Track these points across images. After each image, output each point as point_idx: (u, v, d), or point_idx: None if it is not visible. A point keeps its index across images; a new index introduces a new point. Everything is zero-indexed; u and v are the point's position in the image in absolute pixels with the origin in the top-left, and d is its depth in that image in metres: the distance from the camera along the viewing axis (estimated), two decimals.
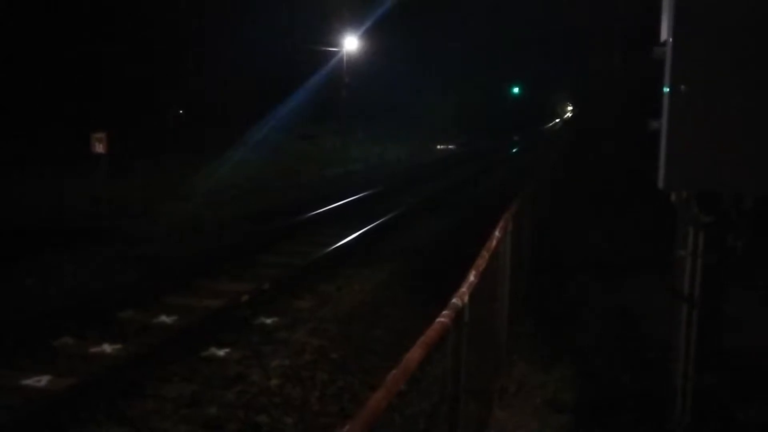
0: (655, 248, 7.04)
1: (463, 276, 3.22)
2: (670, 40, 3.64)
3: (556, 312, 7.10)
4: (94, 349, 6.20)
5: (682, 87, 3.63)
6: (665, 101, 3.70)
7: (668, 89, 3.67)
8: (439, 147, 42.70)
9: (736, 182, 3.67)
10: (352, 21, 33.02)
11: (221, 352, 6.17)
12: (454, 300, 2.77)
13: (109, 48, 25.64)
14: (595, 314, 7.00)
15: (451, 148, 43.05)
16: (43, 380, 5.44)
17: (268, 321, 7.09)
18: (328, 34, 32.70)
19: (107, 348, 6.24)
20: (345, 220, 13.11)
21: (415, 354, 2.15)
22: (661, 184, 3.77)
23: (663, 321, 4.51)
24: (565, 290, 7.97)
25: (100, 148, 13.80)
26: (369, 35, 34.41)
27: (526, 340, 6.17)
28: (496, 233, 4.22)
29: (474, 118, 55.52)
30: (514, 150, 47.23)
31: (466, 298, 2.87)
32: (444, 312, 2.61)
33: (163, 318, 7.12)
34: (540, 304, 7.27)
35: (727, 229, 3.75)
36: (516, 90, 76.91)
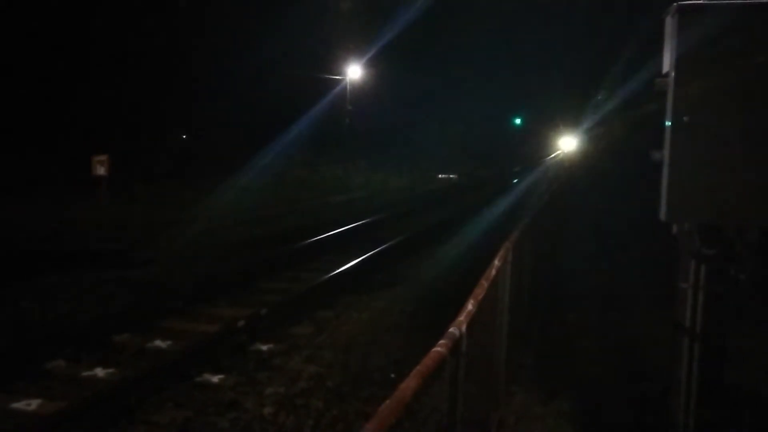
0: (657, 280, 6.98)
1: (463, 304, 3.16)
2: (672, 72, 3.64)
3: (557, 343, 7.01)
4: (86, 373, 6.12)
5: (684, 118, 3.62)
6: (667, 133, 3.68)
7: (670, 121, 3.66)
8: (440, 176, 42.76)
9: (738, 214, 3.63)
10: (357, 49, 33.32)
11: (216, 378, 6.08)
12: (451, 329, 2.70)
13: (115, 73, 25.89)
14: (595, 346, 6.92)
15: (452, 178, 43.10)
16: (33, 404, 5.36)
17: (264, 347, 7.01)
18: (332, 62, 32.98)
19: (100, 372, 6.15)
20: (345, 246, 13.06)
21: (410, 384, 2.07)
22: (662, 215, 3.74)
23: (665, 354, 4.43)
24: (566, 321, 7.89)
25: (101, 170, 13.86)
26: (373, 63, 34.70)
27: (526, 371, 6.08)
28: (496, 262, 4.16)
29: (475, 148, 55.66)
30: (515, 180, 47.21)
31: (463, 328, 2.80)
32: (441, 341, 2.54)
33: (158, 342, 7.04)
34: (540, 335, 7.19)
35: (730, 262, 3.70)
36: (518, 121, 77.02)
